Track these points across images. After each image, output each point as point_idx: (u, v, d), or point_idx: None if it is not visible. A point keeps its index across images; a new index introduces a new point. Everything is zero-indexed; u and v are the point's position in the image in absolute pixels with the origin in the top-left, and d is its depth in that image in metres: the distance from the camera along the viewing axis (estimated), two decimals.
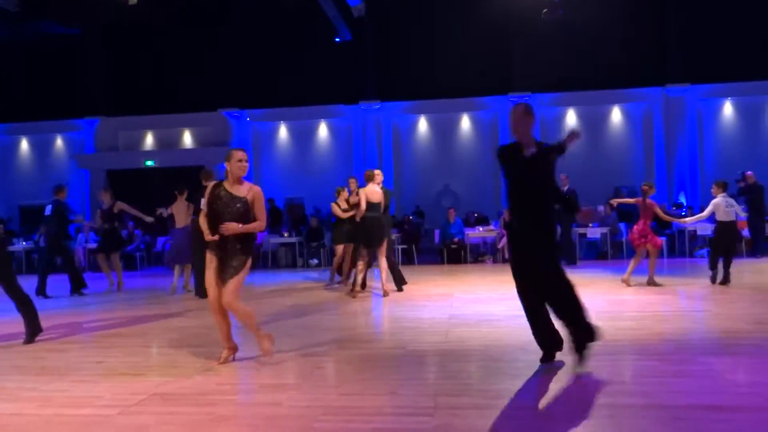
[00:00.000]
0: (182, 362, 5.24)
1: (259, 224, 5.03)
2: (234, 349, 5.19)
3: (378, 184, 9.05)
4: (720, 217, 9.15)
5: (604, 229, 14.51)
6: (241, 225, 4.91)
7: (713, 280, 9.22)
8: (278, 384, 4.55)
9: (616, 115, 18.23)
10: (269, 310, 8.19)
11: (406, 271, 10.40)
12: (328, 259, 15.56)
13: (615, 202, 10.74)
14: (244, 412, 3.98)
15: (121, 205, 10.84)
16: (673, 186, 17.62)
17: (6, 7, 16.07)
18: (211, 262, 5.01)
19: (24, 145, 20.48)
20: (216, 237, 4.96)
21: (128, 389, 4.46)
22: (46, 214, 10.33)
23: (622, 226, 14.99)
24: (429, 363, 5.06)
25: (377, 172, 9.22)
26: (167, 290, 10.39)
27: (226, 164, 5.03)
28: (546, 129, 18.23)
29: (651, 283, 9.23)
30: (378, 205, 8.89)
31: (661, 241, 9.55)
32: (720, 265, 9.19)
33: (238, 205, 4.95)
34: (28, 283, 6.57)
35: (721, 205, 9.10)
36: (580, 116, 18.26)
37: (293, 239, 15.90)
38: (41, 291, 10.09)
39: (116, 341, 6.34)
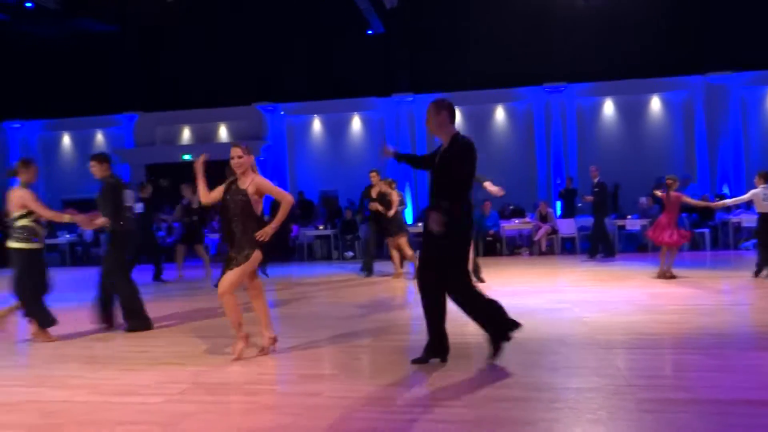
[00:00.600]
0: (224, 352, 5.34)
1: (285, 205, 5.02)
2: (274, 339, 5.23)
3: None
4: (759, 208, 9.01)
5: (644, 221, 14.26)
6: (273, 224, 4.97)
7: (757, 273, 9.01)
8: (316, 374, 4.62)
9: (656, 105, 17.82)
10: (305, 302, 8.29)
11: None
12: (363, 251, 15.62)
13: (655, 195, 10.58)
14: (284, 401, 4.06)
15: (197, 198, 11.34)
16: (716, 177, 17.16)
17: (46, 5, 16.50)
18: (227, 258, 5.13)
19: (66, 140, 21.01)
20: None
21: (172, 378, 4.58)
22: (138, 212, 10.85)
23: None
24: (466, 355, 5.03)
25: None
26: (207, 282, 10.58)
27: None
28: (583, 120, 17.95)
29: (662, 275, 9.15)
30: None
31: (678, 239, 9.23)
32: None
33: (239, 197, 5.03)
34: (70, 276, 6.75)
35: (759, 195, 8.96)
36: (618, 106, 17.92)
37: (328, 232, 16.02)
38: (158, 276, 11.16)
39: (159, 331, 6.51)
